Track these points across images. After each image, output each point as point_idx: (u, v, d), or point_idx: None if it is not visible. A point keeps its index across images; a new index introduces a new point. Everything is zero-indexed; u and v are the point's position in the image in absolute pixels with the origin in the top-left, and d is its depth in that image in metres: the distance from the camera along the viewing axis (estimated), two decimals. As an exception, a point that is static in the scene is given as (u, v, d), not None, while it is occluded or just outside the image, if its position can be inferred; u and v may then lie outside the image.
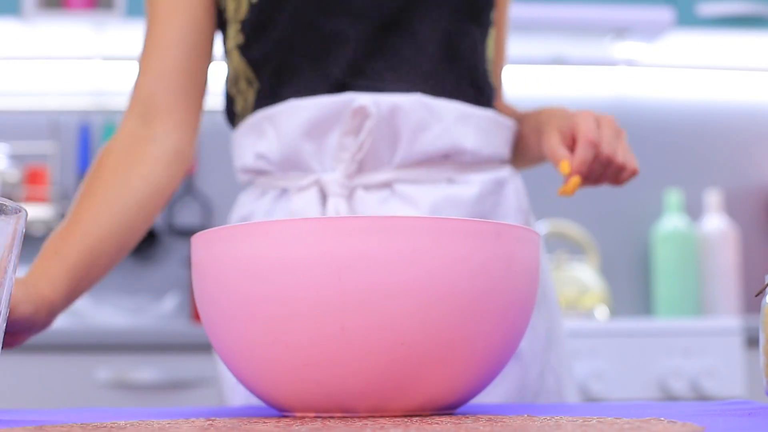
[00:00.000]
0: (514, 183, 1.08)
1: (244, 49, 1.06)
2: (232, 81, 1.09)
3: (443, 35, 1.03)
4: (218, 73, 0.96)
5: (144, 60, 1.06)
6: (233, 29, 1.08)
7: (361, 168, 1.01)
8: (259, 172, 1.07)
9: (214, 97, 2.53)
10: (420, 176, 1.02)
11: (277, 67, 1.04)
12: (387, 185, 1.01)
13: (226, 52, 1.10)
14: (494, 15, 1.15)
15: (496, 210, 1.05)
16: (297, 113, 1.01)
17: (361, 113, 0.98)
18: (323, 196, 1.01)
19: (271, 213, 1.05)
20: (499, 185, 1.06)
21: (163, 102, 1.05)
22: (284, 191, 1.05)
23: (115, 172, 0.99)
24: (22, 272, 2.30)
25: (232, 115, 1.11)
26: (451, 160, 1.03)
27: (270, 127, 1.04)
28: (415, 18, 1.03)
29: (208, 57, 1.09)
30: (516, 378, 1.02)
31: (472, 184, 1.03)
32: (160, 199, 1.01)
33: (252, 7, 1.04)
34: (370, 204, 1.00)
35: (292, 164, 1.03)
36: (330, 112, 1.00)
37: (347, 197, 1.00)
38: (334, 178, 1.00)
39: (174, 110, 1.05)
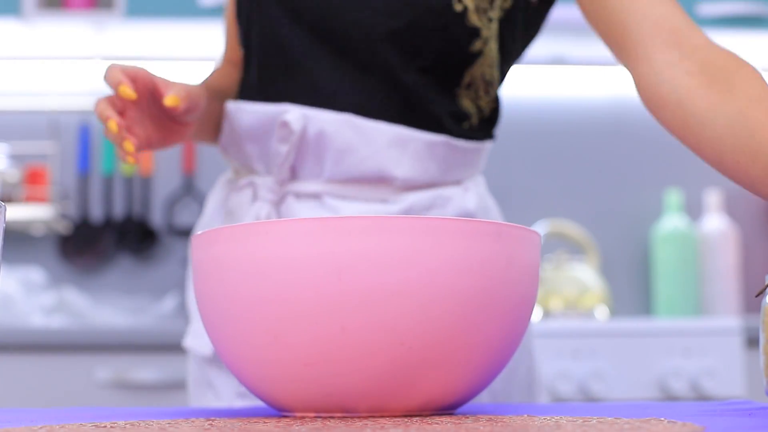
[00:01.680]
0: (465, 195, 1.05)
1: (241, 37, 1.11)
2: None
3: (388, 65, 1.02)
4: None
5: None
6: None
7: (294, 176, 1.03)
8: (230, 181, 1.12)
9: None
10: (350, 192, 1.02)
11: (245, 59, 1.10)
12: (317, 196, 1.02)
13: None
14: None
15: None
16: (242, 116, 1.05)
17: (286, 127, 1.01)
18: (255, 199, 1.04)
19: (217, 209, 1.11)
20: (442, 199, 1.03)
21: None
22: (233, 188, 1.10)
23: None
24: (14, 271, 2.30)
25: None
26: (384, 183, 1.02)
27: (227, 125, 1.08)
28: (361, 36, 1.02)
29: None
30: None
31: (401, 203, 1.02)
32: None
33: None
34: (297, 212, 1.02)
35: (242, 163, 1.07)
36: (267, 120, 1.03)
37: (276, 203, 1.02)
38: (265, 182, 1.03)
39: None
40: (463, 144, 1.04)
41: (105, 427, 0.57)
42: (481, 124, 1.07)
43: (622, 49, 0.96)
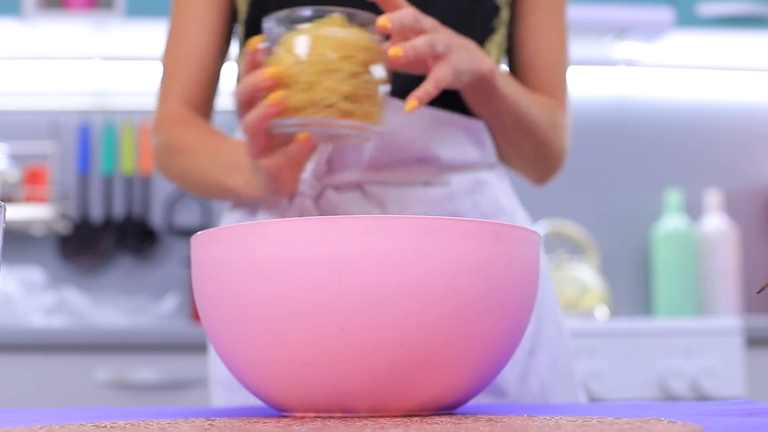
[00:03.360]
0: (498, 185, 1.08)
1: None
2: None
3: None
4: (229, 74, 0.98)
5: (166, 84, 1.11)
6: (240, 31, 1.11)
7: (330, 168, 1.02)
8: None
9: (214, 97, 2.53)
10: (392, 178, 1.01)
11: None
12: (357, 186, 1.02)
13: (241, 53, 1.12)
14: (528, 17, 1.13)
15: (473, 210, 1.04)
16: None
17: None
18: (293, 195, 1.03)
19: (252, 212, 1.09)
20: (479, 185, 1.05)
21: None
22: None
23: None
24: (14, 268, 2.30)
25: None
26: (426, 164, 1.02)
27: None
28: None
29: (219, 73, 1.14)
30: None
31: (445, 185, 1.03)
32: None
33: (250, 6, 1.07)
34: (338, 204, 1.00)
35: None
36: None
37: (315, 197, 1.01)
38: (302, 177, 1.01)
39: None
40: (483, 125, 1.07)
41: (105, 427, 0.57)
42: None
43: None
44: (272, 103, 0.83)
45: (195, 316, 2.39)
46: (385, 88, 0.87)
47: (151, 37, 2.45)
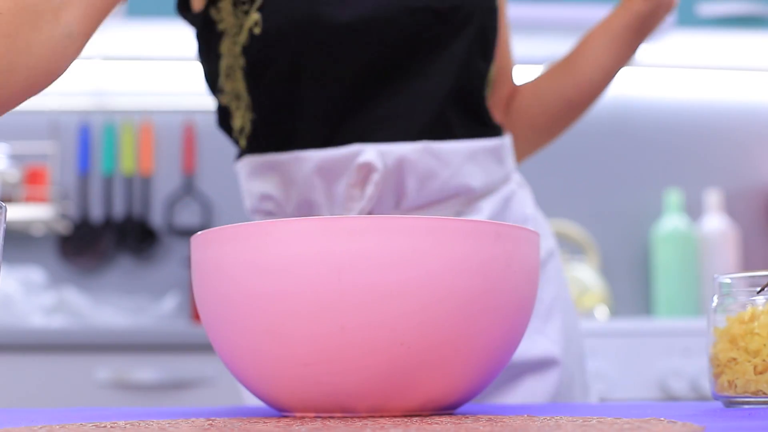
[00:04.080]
0: (520, 193, 1.08)
1: (247, 73, 1.02)
2: (231, 95, 1.05)
3: (455, 76, 1.01)
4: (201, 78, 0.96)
5: None
6: (232, 47, 1.03)
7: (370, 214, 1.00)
8: (270, 214, 1.05)
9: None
10: (425, 213, 1.01)
11: (275, 105, 1.02)
12: None
13: (221, 67, 1.05)
14: (500, 19, 1.16)
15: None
16: (305, 164, 0.99)
17: (367, 167, 0.97)
18: None
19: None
20: (506, 202, 1.06)
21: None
22: None
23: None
24: (12, 269, 2.30)
25: (230, 129, 1.08)
26: (460, 197, 1.02)
27: (275, 174, 1.02)
28: (427, 60, 1.01)
29: None
30: (555, 381, 1.03)
31: (480, 212, 1.02)
32: None
33: (253, 38, 1.00)
34: None
35: (304, 213, 1.02)
36: (336, 163, 0.99)
37: None
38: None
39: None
40: (507, 140, 1.07)
41: (105, 427, 0.57)
42: None
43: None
44: None
45: (195, 316, 2.39)
46: None
47: (151, 37, 2.45)
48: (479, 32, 1.03)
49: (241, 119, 1.05)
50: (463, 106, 1.03)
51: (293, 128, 1.01)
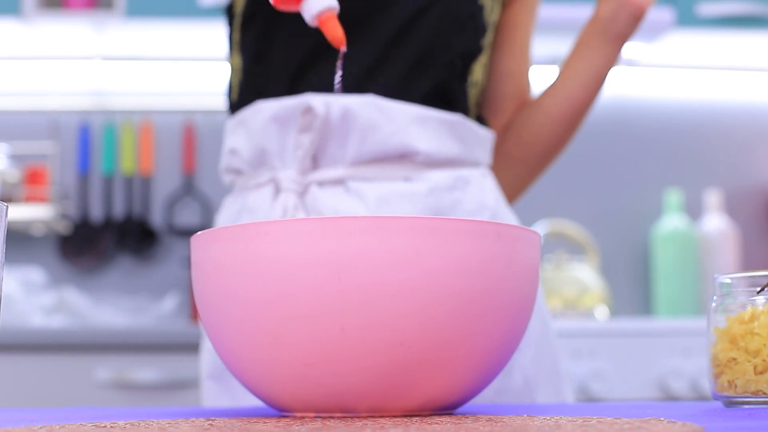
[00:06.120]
0: (484, 182, 1.08)
1: (241, 45, 1.10)
2: (235, 71, 1.12)
3: (419, 47, 1.05)
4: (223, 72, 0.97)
5: None
6: (236, 23, 1.11)
7: (315, 165, 1.04)
8: (236, 172, 1.10)
9: (213, 97, 2.53)
10: (373, 174, 1.03)
11: (255, 54, 1.08)
12: (340, 182, 1.03)
13: (231, 46, 1.13)
14: (515, 19, 1.17)
15: (456, 207, 1.05)
16: (261, 114, 1.05)
17: (310, 114, 1.01)
18: (278, 193, 1.04)
19: (238, 213, 1.09)
20: (462, 182, 1.06)
21: None
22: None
23: None
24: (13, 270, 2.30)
25: (229, 104, 1.14)
26: (407, 160, 1.04)
27: (242, 128, 1.07)
28: (389, 21, 1.05)
29: None
30: None
31: (426, 181, 1.04)
32: None
33: (247, 1, 1.09)
34: (322, 200, 1.02)
35: (259, 162, 1.06)
36: (288, 113, 1.03)
37: (300, 193, 1.03)
38: (288, 174, 1.03)
39: None
40: (476, 127, 1.08)
41: (105, 427, 0.57)
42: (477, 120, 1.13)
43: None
44: None
45: (195, 316, 2.39)
46: None
47: (151, 37, 2.45)
48: (448, 8, 1.06)
49: (234, 94, 1.13)
50: (429, 81, 1.05)
51: (266, 82, 1.07)
